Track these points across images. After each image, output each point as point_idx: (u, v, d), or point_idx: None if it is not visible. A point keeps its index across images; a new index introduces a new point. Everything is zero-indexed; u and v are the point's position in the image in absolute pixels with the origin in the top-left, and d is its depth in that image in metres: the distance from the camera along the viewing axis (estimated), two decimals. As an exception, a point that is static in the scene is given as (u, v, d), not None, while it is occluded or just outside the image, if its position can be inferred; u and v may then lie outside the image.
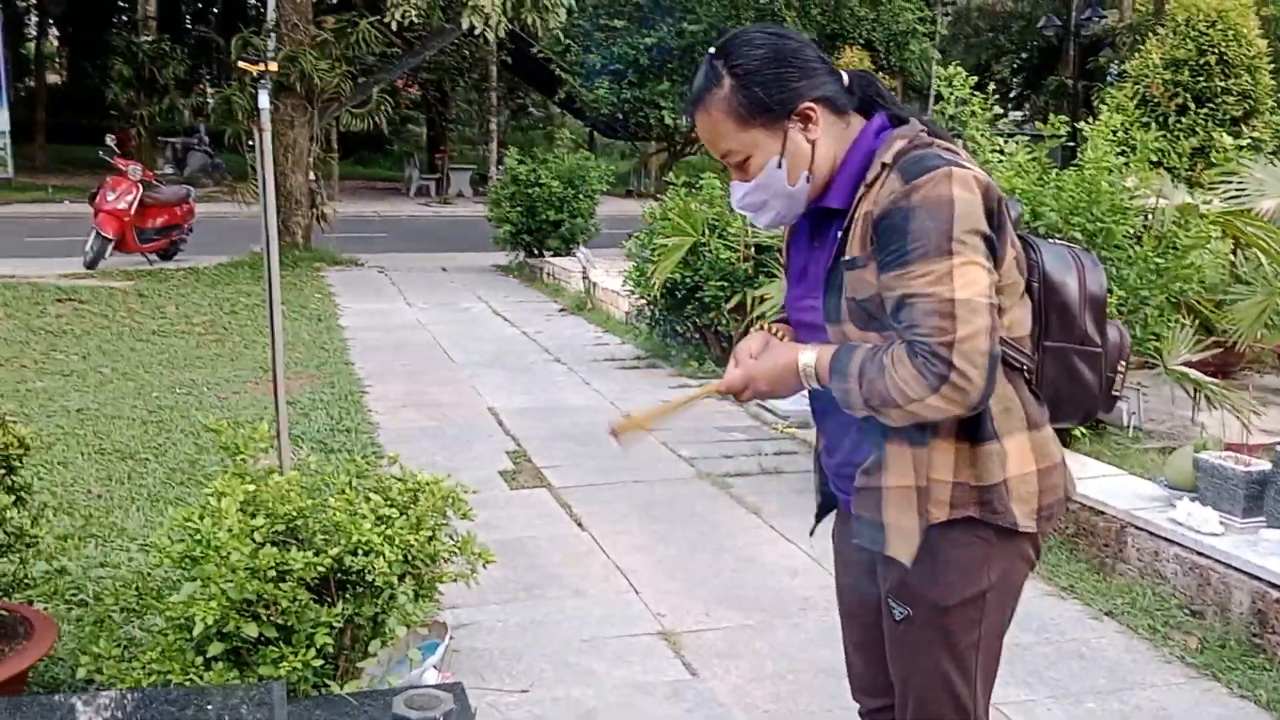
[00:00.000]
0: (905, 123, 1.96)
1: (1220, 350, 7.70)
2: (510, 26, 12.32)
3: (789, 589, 4.12)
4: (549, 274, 12.77)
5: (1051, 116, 5.38)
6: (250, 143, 15.66)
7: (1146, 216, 5.32)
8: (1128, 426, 5.34)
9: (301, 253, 13.87)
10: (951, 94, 5.50)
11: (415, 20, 11.50)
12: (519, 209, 13.40)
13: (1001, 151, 5.50)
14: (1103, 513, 4.32)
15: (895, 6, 17.71)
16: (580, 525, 4.78)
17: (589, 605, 3.95)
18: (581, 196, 13.44)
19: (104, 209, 12.67)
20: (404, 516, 3.19)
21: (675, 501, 5.12)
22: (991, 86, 5.87)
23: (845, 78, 1.97)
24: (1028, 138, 5.59)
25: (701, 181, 8.55)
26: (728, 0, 17.07)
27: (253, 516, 3.03)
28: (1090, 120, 5.43)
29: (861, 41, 17.34)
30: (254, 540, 2.91)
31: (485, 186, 15.39)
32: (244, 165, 14.82)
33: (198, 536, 2.84)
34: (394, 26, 11.74)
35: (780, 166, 1.93)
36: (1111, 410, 2.10)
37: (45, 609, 3.58)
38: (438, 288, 12.24)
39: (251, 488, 3.09)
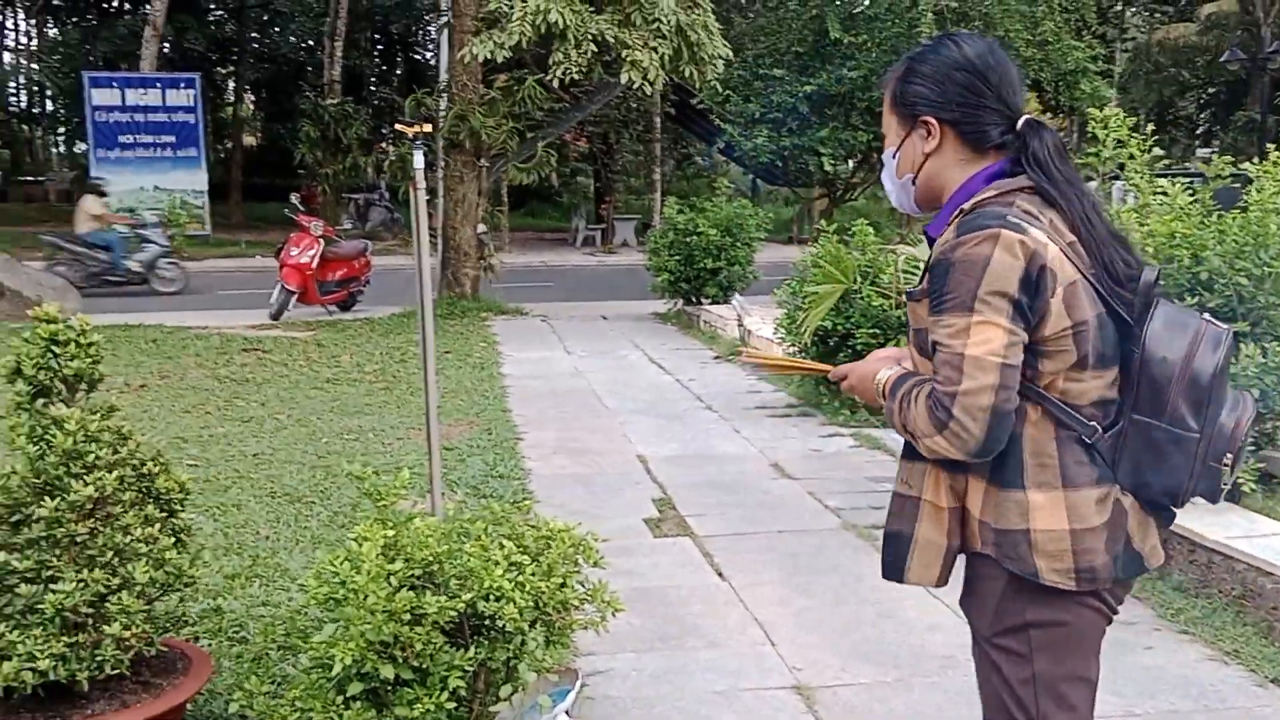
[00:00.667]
0: (1020, 173, 2.01)
1: None
2: (668, 80, 12.52)
3: (929, 646, 4.03)
4: (705, 321, 12.85)
5: (1215, 157, 5.17)
6: (431, 195, 16.39)
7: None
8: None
9: (469, 303, 14.35)
10: (1107, 135, 5.33)
11: (577, 77, 11.82)
12: (677, 257, 13.56)
13: (1165, 194, 5.30)
14: (1271, 574, 4.08)
15: (1064, 45, 17.25)
16: (720, 575, 4.79)
17: (724, 657, 3.95)
18: (739, 244, 13.51)
19: (288, 263, 13.43)
20: (535, 563, 3.26)
21: (819, 553, 5.07)
22: (1150, 125, 5.66)
23: (1019, 121, 2.03)
24: (1188, 180, 5.36)
25: (854, 228, 8.51)
26: (888, 46, 16.97)
27: (391, 561, 3.15)
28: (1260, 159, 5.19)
29: (1029, 81, 16.95)
30: (391, 584, 3.03)
31: (648, 235, 15.63)
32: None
33: (338, 579, 2.98)
34: (556, 84, 12.09)
35: (894, 158, 2.13)
36: (1218, 500, 2.02)
37: (209, 645, 3.81)
38: (597, 336, 12.47)
39: (391, 533, 3.22)
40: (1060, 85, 17.44)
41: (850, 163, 19.65)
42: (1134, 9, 43.85)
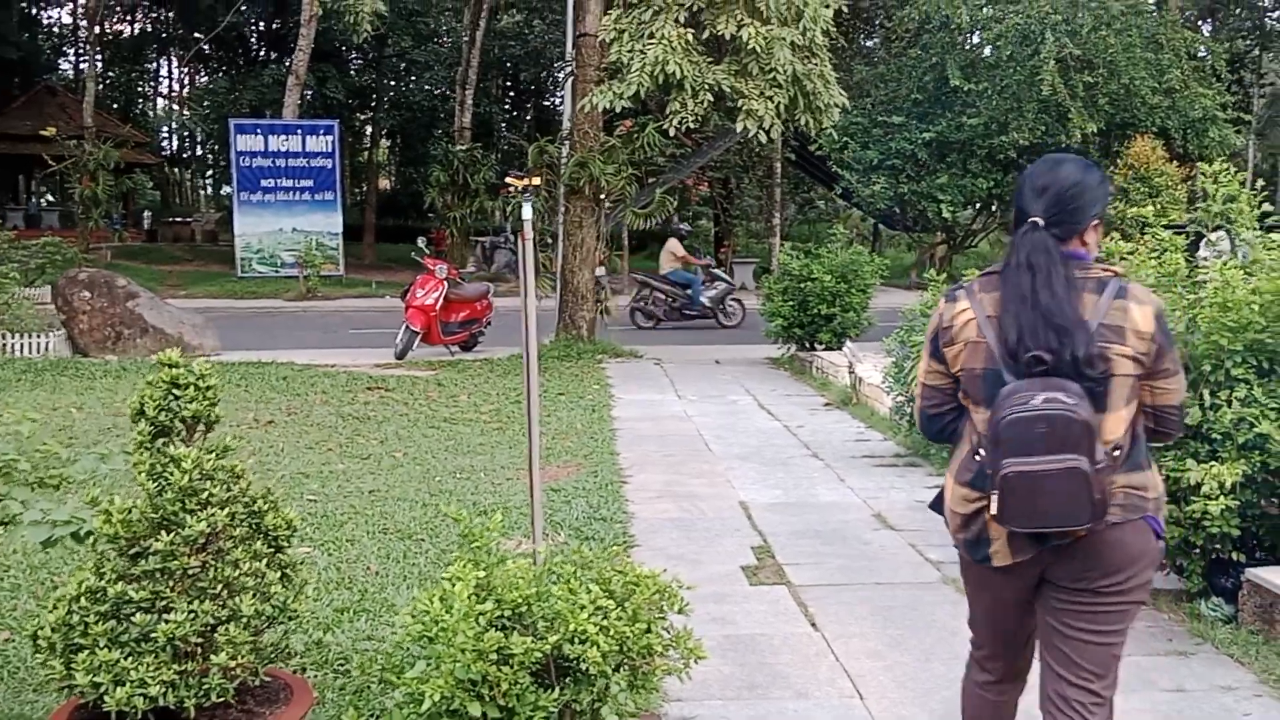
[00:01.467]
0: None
1: None
2: (784, 129, 12.63)
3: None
4: (818, 368, 12.84)
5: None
6: (547, 240, 16.80)
7: None
8: None
9: (585, 345, 14.61)
10: (1218, 190, 5.25)
11: (693, 125, 12.03)
12: (791, 303, 13.59)
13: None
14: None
15: (1192, 93, 16.83)
16: (814, 625, 4.81)
17: (811, 708, 3.98)
18: (854, 290, 13.48)
19: (413, 304, 13.91)
20: (620, 608, 3.37)
21: (915, 606, 5.06)
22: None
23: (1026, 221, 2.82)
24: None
25: (964, 275, 8.46)
26: (1009, 94, 16.79)
27: (482, 601, 3.29)
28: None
29: (1155, 130, 16.57)
30: (480, 624, 3.17)
31: (765, 279, 15.76)
32: (544, 262, 15.90)
33: (430, 618, 3.13)
34: (673, 132, 12.32)
35: None
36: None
37: (314, 677, 4.01)
38: (708, 379, 12.56)
39: (483, 574, 3.37)
40: (1189, 133, 16.97)
41: (970, 210, 19.44)
42: (1271, 54, 42.38)
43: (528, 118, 41.85)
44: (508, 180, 5.50)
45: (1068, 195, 2.73)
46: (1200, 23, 36.10)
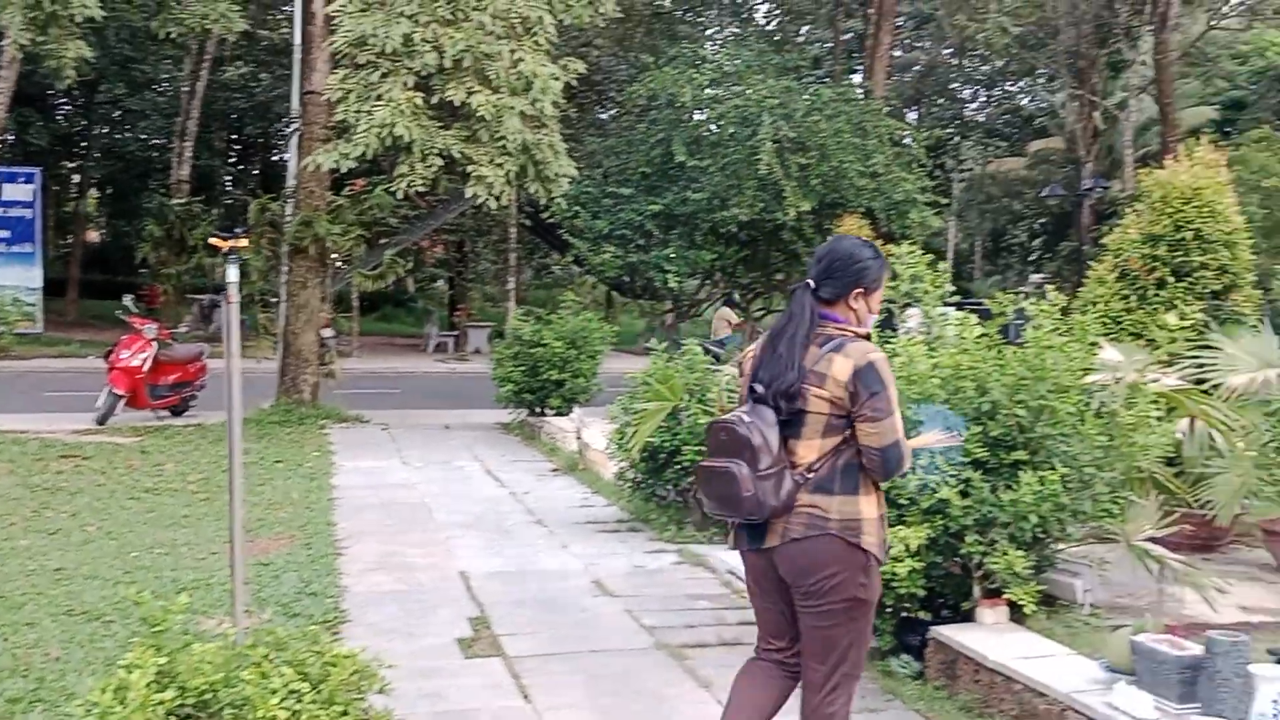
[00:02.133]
0: None
1: (1202, 525, 7.69)
2: (513, 197, 12.75)
3: None
4: (547, 433, 12.90)
5: (998, 294, 5.53)
6: (274, 299, 16.18)
7: (1095, 394, 5.40)
8: (1083, 604, 5.31)
9: (308, 409, 14.08)
10: (906, 270, 5.67)
11: (421, 189, 11.95)
12: (522, 368, 13.62)
13: (958, 325, 5.64)
14: (1044, 695, 4.28)
15: (895, 177, 18.21)
16: (526, 698, 4.77)
17: (517, 783, 3.92)
18: (584, 356, 13.66)
19: (116, 366, 13.00)
20: (315, 691, 3.23)
21: (628, 674, 5.10)
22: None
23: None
24: (973, 314, 5.72)
25: (684, 345, 8.74)
26: (730, 170, 17.63)
27: (163, 689, 3.08)
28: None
29: (862, 210, 17.79)
30: (158, 714, 2.95)
31: (496, 344, 15.76)
32: (265, 323, 15.27)
33: (99, 710, 2.89)
34: (400, 194, 12.19)
35: None
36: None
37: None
38: (436, 445, 12.38)
39: (165, 660, 3.15)
40: (892, 213, 18.34)
41: (695, 280, 20.18)
42: (970, 142, 46.60)
43: (254, 172, 40.39)
44: (211, 241, 5.25)
45: (835, 266, 3.47)
46: (907, 111, 39.24)
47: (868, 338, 3.49)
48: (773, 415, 3.35)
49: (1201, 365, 7.51)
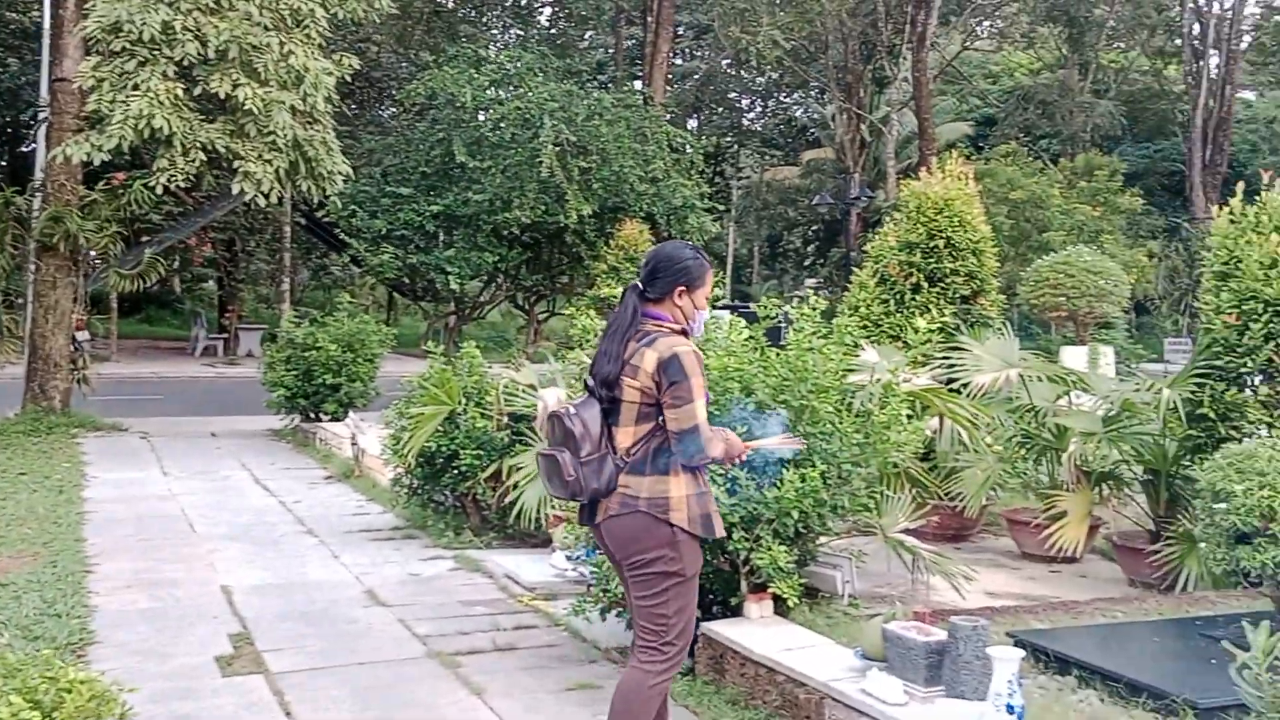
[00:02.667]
0: None
1: (953, 516, 8.17)
2: (282, 194, 12.30)
3: None
4: (322, 439, 12.51)
5: (764, 297, 5.69)
6: (19, 299, 15.04)
7: (853, 394, 5.63)
8: (843, 595, 5.53)
9: (58, 418, 13.17)
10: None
11: (184, 185, 11.37)
12: (294, 372, 13.17)
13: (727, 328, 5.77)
14: (804, 684, 4.42)
15: (674, 182, 18.59)
16: (288, 715, 4.59)
17: (275, 805, 3.76)
18: (361, 360, 13.32)
19: None
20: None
21: (397, 684, 4.98)
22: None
23: None
24: (742, 318, 5.88)
25: (462, 348, 8.63)
26: (511, 172, 17.58)
27: None
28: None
29: (643, 214, 18.07)
30: None
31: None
32: (9, 325, 14.15)
33: None
34: (159, 190, 11.56)
35: None
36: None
37: None
38: (201, 454, 11.80)
39: None
40: (671, 218, 18.70)
41: (478, 282, 20.02)
42: (748, 150, 48.08)
43: (2, 163, 37.53)
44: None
45: (659, 267, 3.78)
46: (687, 118, 40.11)
47: (685, 334, 3.79)
48: (598, 407, 3.74)
49: (951, 366, 7.98)
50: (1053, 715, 3.98)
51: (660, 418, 3.69)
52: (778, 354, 5.29)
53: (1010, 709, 3.70)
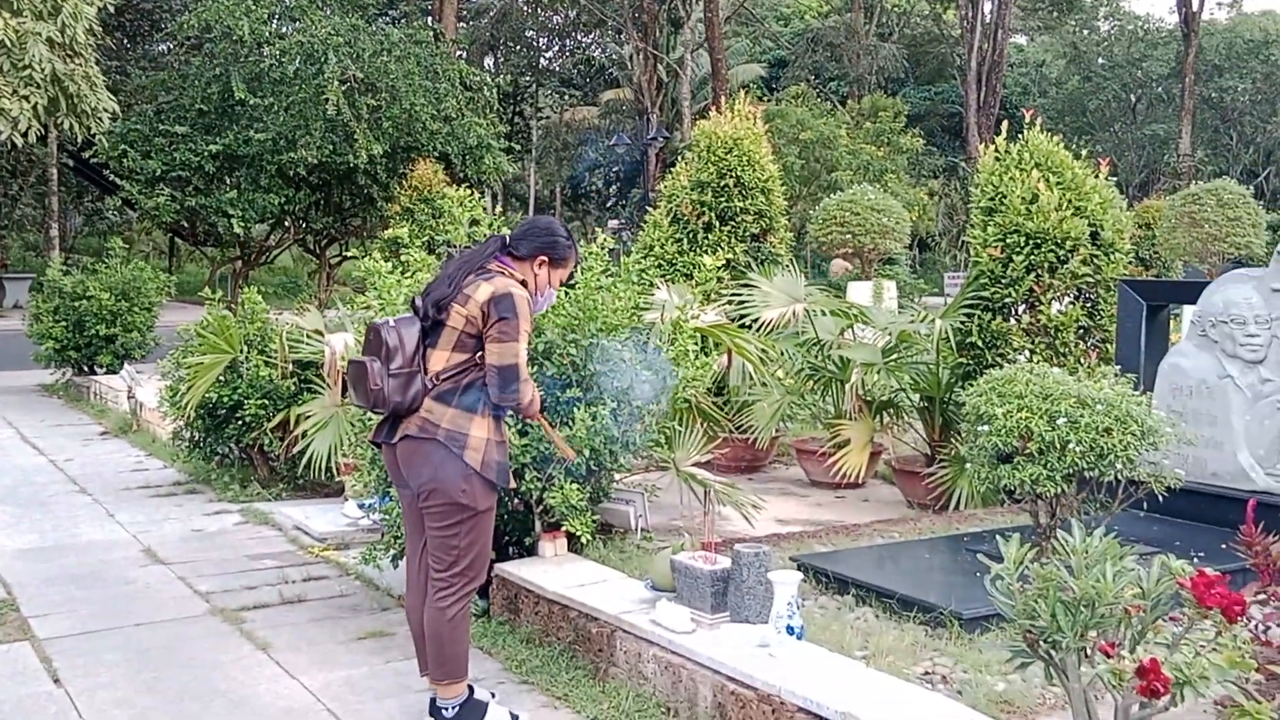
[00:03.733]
0: None
1: (745, 448, 8.40)
2: (42, 133, 11.44)
3: None
4: (97, 393, 11.83)
5: (605, 235, 5.66)
6: None
7: (645, 332, 5.67)
8: (636, 530, 5.61)
9: None
10: (463, 213, 5.65)
11: (-75, 123, 10.43)
12: (63, 323, 12.38)
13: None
14: (595, 618, 4.47)
15: (469, 121, 18.20)
16: (57, 681, 4.34)
17: (39, 778, 3.56)
18: (137, 309, 12.62)
19: None
20: None
21: (176, 644, 4.78)
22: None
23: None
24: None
25: (242, 294, 8.27)
26: (295, 110, 16.85)
27: None
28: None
29: (437, 154, 17.65)
30: None
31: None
32: None
33: None
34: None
35: None
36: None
37: None
38: (-40, 414, 10.99)
39: None
40: (467, 158, 18.33)
41: (264, 225, 19.20)
42: (546, 90, 47.61)
43: None
44: None
45: (531, 231, 3.99)
46: (484, 57, 39.36)
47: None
48: (418, 327, 3.82)
49: (741, 302, 8.15)
50: (830, 633, 4.15)
51: (478, 353, 3.78)
52: (567, 294, 5.26)
53: (790, 630, 3.84)
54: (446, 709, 3.86)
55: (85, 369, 12.68)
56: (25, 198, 29.84)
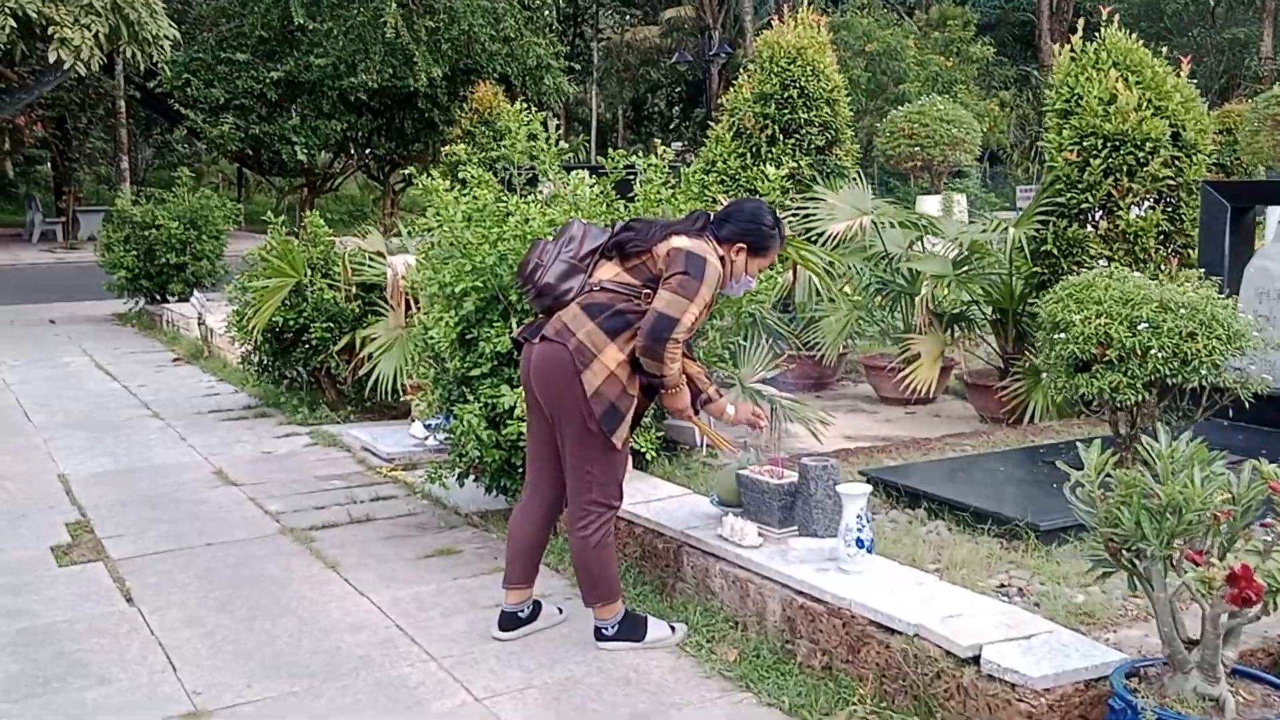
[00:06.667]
0: None
1: (812, 364, 8.26)
2: (104, 61, 11.47)
3: (346, 648, 3.95)
4: (169, 321, 11.99)
5: (611, 150, 5.52)
6: None
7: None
8: (701, 446, 5.53)
9: (-125, 312, 12.34)
10: (520, 129, 5.53)
11: (-9, 55, 10.50)
12: (134, 252, 12.54)
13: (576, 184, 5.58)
14: (662, 534, 4.42)
15: (527, 41, 17.94)
16: (130, 600, 4.40)
17: (113, 694, 3.61)
18: (205, 237, 12.74)
19: None
20: None
21: (246, 563, 4.83)
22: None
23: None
24: (589, 172, 5.69)
25: (306, 220, 8.25)
26: (355, 35, 16.72)
27: None
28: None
29: (496, 76, 17.45)
30: None
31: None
32: None
33: None
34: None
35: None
36: None
37: None
38: (38, 342, 11.21)
39: None
40: (527, 80, 18.12)
41: (327, 153, 19.22)
42: (607, 10, 46.83)
43: None
44: None
45: (735, 214, 3.82)
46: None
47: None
48: (605, 237, 3.77)
49: (807, 216, 7.95)
50: (902, 547, 4.05)
51: (647, 290, 3.62)
52: (626, 206, 5.14)
53: (860, 543, 3.75)
54: (606, 628, 3.87)
55: (157, 297, 12.86)
56: (95, 131, 30.18)
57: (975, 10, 34.41)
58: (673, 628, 3.94)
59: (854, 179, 9.01)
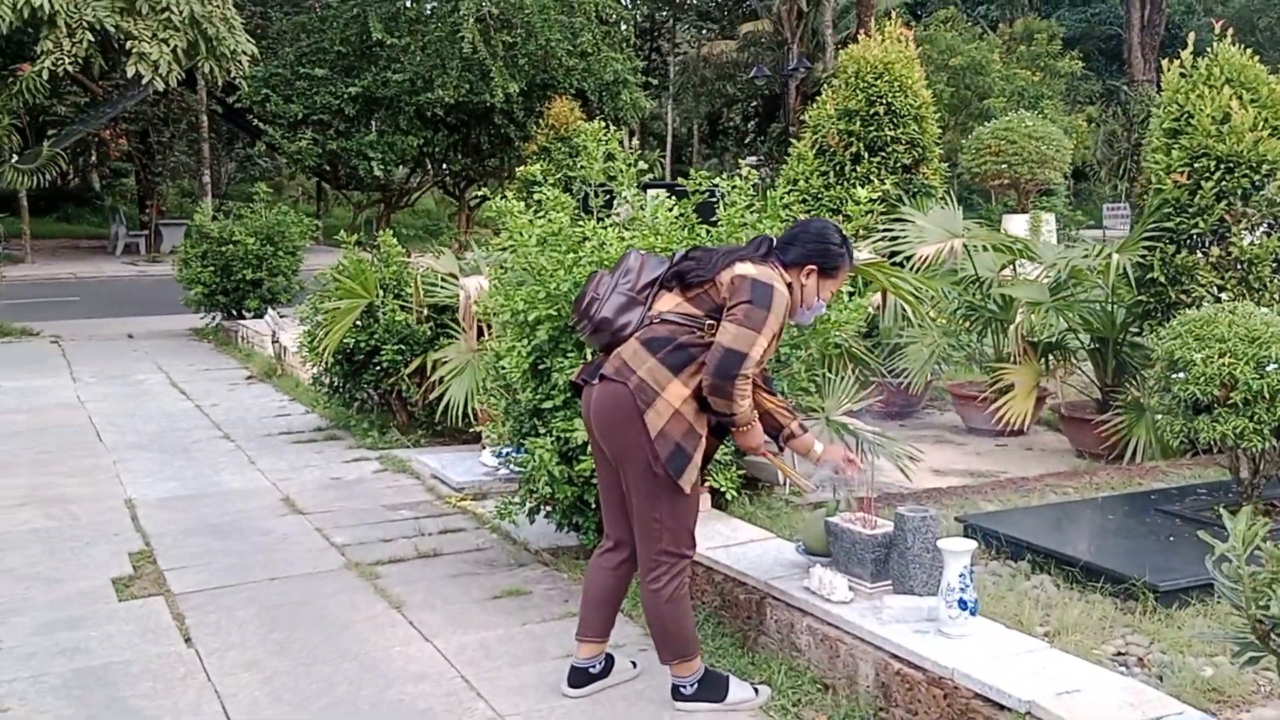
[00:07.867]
0: None
1: (897, 392, 7.92)
2: (182, 76, 11.52)
3: (408, 700, 3.73)
4: (244, 338, 11.99)
5: (693, 171, 5.27)
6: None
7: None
8: (784, 484, 5.24)
9: (-39, 324, 12.52)
10: (597, 149, 5.31)
11: (70, 70, 10.57)
12: (211, 268, 12.58)
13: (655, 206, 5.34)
14: (744, 583, 4.14)
15: (604, 57, 17.81)
16: (188, 641, 4.23)
17: (166, 745, 3.43)
18: (282, 253, 12.74)
19: None
20: None
21: (309, 601, 4.64)
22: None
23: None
24: (666, 193, 5.45)
25: (379, 237, 8.12)
26: (432, 50, 16.71)
27: None
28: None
29: (573, 91, 17.32)
30: None
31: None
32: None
33: None
34: (45, 76, 10.74)
35: None
36: None
37: None
38: (116, 357, 11.26)
39: None
40: (603, 95, 17.98)
41: (404, 168, 19.25)
42: (683, 24, 46.71)
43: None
44: None
45: (800, 235, 3.59)
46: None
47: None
48: (666, 266, 3.55)
49: (894, 238, 7.63)
50: (1005, 604, 3.73)
51: (711, 323, 3.39)
52: (708, 231, 4.89)
53: (963, 604, 3.44)
54: (684, 686, 3.59)
55: (233, 313, 12.89)
56: (179, 145, 30.69)
57: (1061, 24, 33.67)
58: (756, 689, 3.66)
59: (942, 199, 8.67)
